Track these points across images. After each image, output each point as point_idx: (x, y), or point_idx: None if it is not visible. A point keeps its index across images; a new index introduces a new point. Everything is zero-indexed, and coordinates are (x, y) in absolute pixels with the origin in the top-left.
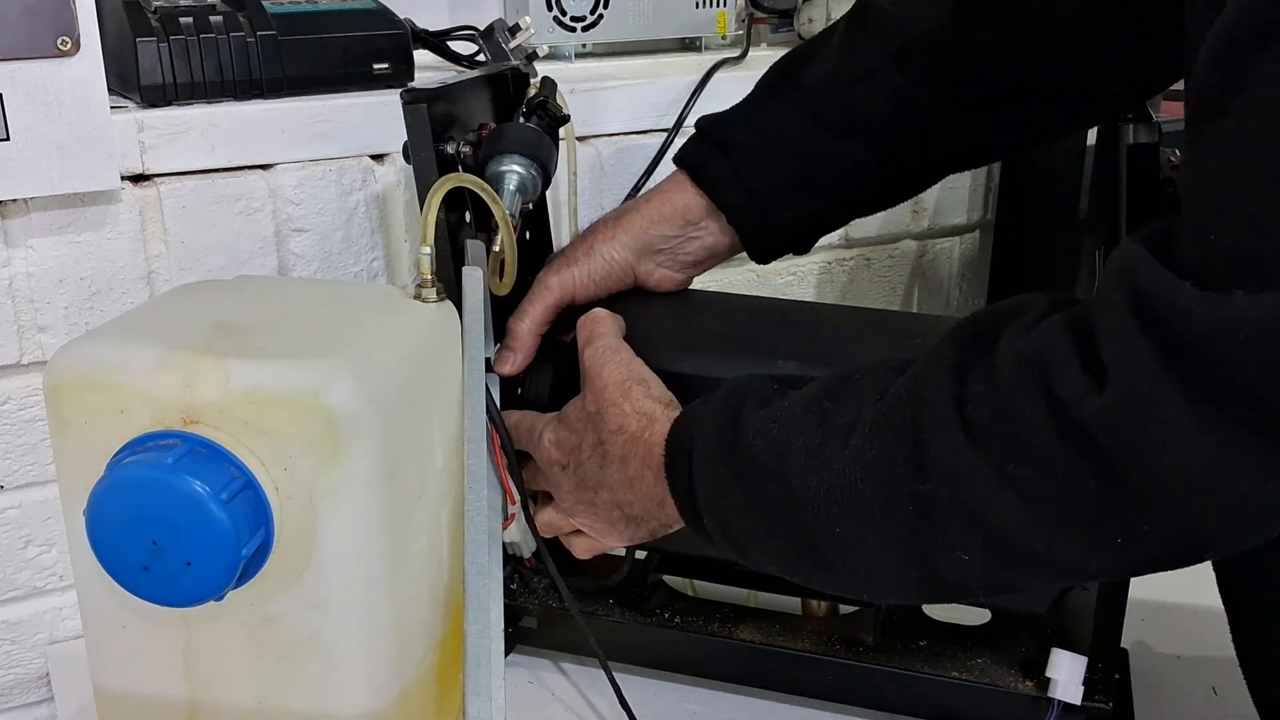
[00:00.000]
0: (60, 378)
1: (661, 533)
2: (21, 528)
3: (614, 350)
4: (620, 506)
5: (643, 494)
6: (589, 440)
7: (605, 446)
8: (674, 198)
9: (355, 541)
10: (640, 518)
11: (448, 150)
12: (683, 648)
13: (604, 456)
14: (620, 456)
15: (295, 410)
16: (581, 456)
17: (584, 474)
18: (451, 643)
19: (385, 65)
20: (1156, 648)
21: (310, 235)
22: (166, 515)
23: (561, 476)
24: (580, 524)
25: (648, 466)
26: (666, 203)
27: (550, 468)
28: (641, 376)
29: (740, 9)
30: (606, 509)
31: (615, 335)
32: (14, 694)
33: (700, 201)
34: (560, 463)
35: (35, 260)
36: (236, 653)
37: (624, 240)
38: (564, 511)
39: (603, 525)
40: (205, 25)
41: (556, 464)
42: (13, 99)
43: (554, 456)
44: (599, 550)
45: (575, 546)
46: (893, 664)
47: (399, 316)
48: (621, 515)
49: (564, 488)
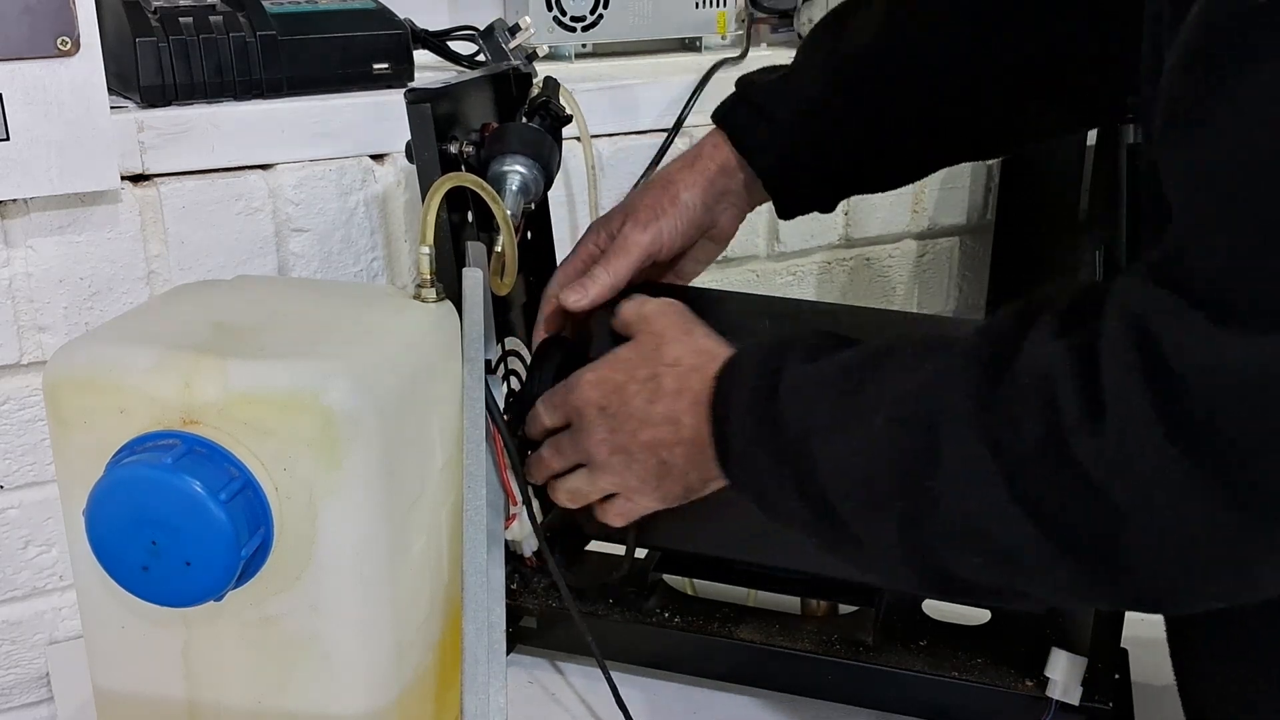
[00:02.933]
0: (60, 378)
1: (691, 494)
2: (21, 528)
3: (672, 303)
4: (658, 451)
5: (685, 436)
6: (641, 374)
7: (659, 380)
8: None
9: (355, 542)
10: (676, 468)
11: (451, 150)
12: (683, 648)
13: (655, 390)
14: (674, 390)
15: (295, 410)
16: (628, 393)
17: (627, 412)
18: (451, 643)
19: (385, 65)
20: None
21: (310, 235)
22: (166, 515)
23: (597, 421)
24: (609, 483)
25: (696, 403)
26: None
27: (586, 410)
28: (699, 320)
29: (740, 9)
30: (644, 455)
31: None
32: (14, 694)
33: (734, 159)
34: (599, 404)
35: (35, 260)
36: (236, 653)
37: (700, 179)
38: (595, 467)
39: (635, 479)
40: (205, 25)
41: (594, 405)
42: (13, 99)
43: (592, 397)
44: (633, 514)
45: (608, 512)
46: (892, 664)
47: (399, 316)
48: (657, 464)
49: (597, 434)
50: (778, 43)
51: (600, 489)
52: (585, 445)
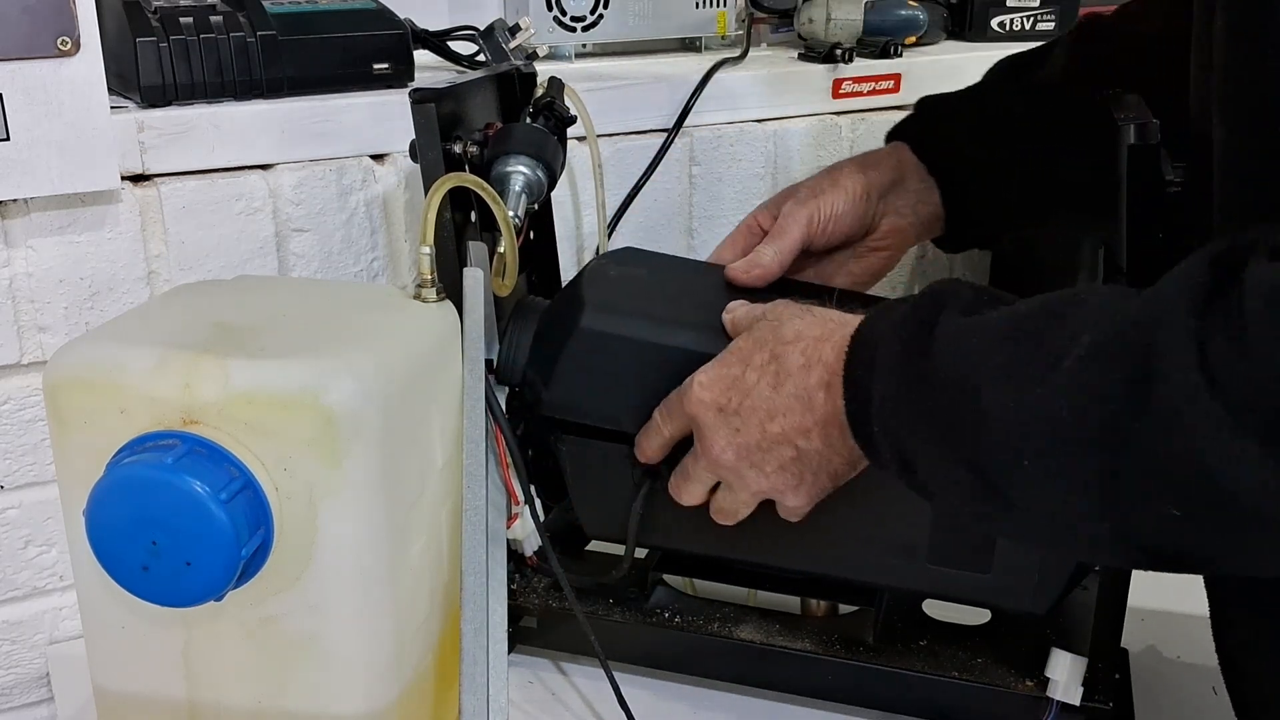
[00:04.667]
0: (60, 378)
1: (840, 481)
2: (21, 528)
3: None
4: (793, 440)
5: (820, 415)
6: (759, 360)
7: (781, 361)
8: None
9: (354, 541)
10: (815, 455)
11: (454, 150)
12: (683, 648)
13: (778, 374)
14: (801, 366)
15: (295, 410)
16: (747, 384)
17: (750, 406)
18: (450, 642)
19: (385, 65)
20: (1156, 648)
21: (310, 235)
22: (166, 515)
23: (719, 425)
24: (752, 490)
25: (830, 375)
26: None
27: (703, 416)
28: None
29: (740, 9)
30: (777, 449)
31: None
32: (14, 694)
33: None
34: (717, 404)
35: (35, 260)
36: (236, 653)
37: (869, 171)
38: (730, 476)
39: (775, 479)
40: (205, 25)
41: (713, 408)
42: (13, 99)
43: (708, 398)
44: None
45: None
46: (893, 664)
47: (399, 316)
48: (795, 455)
49: (721, 441)
50: (778, 43)
51: (746, 500)
52: (712, 456)
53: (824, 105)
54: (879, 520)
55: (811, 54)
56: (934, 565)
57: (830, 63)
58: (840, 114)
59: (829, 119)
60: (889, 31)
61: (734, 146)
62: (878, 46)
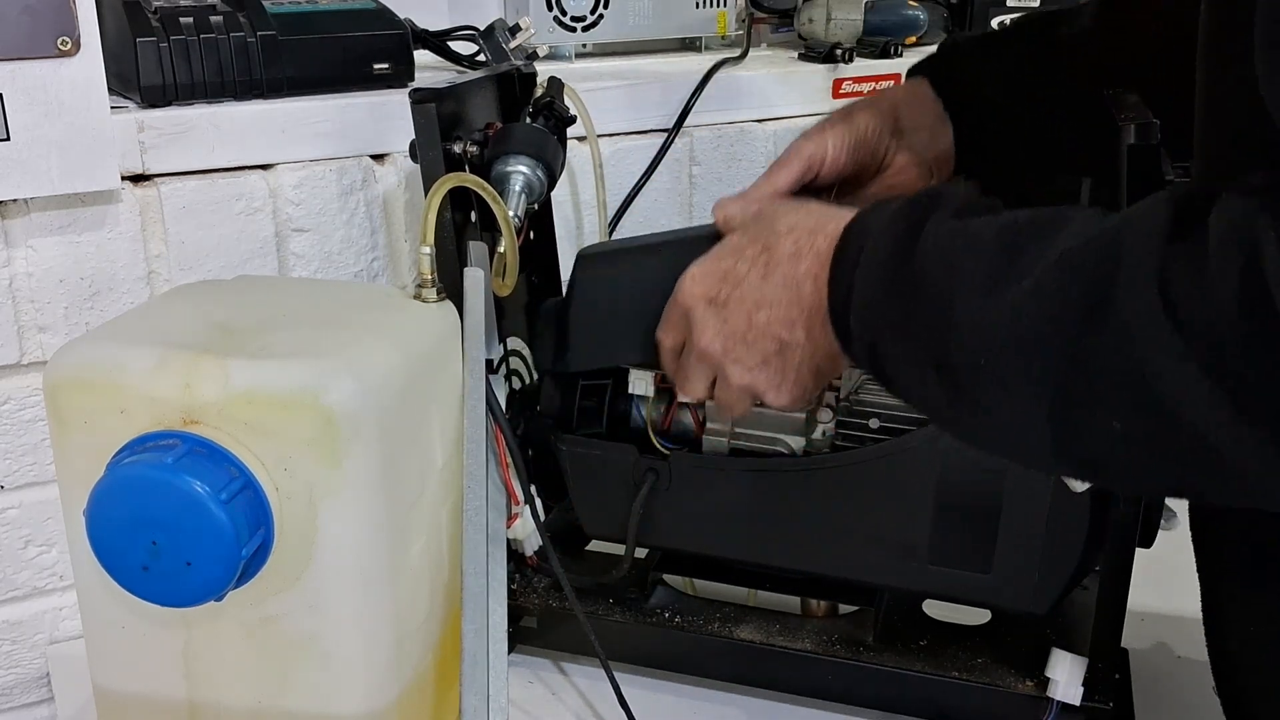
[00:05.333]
0: (60, 378)
1: (824, 381)
2: (21, 528)
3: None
4: (777, 333)
5: (807, 305)
6: (751, 252)
7: (772, 251)
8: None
9: (355, 541)
10: (798, 350)
11: (455, 150)
12: (683, 648)
13: (768, 264)
14: (791, 254)
15: (295, 410)
16: (738, 275)
17: (739, 297)
18: (451, 642)
19: (385, 65)
20: (1157, 648)
21: (310, 235)
22: (166, 515)
23: (708, 317)
24: (741, 382)
25: (819, 265)
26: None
27: (695, 309)
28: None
29: (740, 9)
30: (762, 341)
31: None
32: (14, 694)
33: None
34: (708, 296)
35: (35, 260)
36: (236, 653)
37: (882, 108)
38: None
39: (757, 374)
40: (205, 25)
41: (703, 300)
42: (13, 99)
43: (699, 291)
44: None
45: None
46: (893, 664)
47: (399, 316)
48: (778, 350)
49: (710, 332)
50: (777, 43)
51: (738, 392)
52: (701, 346)
53: (824, 105)
54: (879, 520)
55: (811, 54)
56: (934, 565)
57: (830, 63)
58: None
59: None
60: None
61: (734, 146)
62: (878, 47)
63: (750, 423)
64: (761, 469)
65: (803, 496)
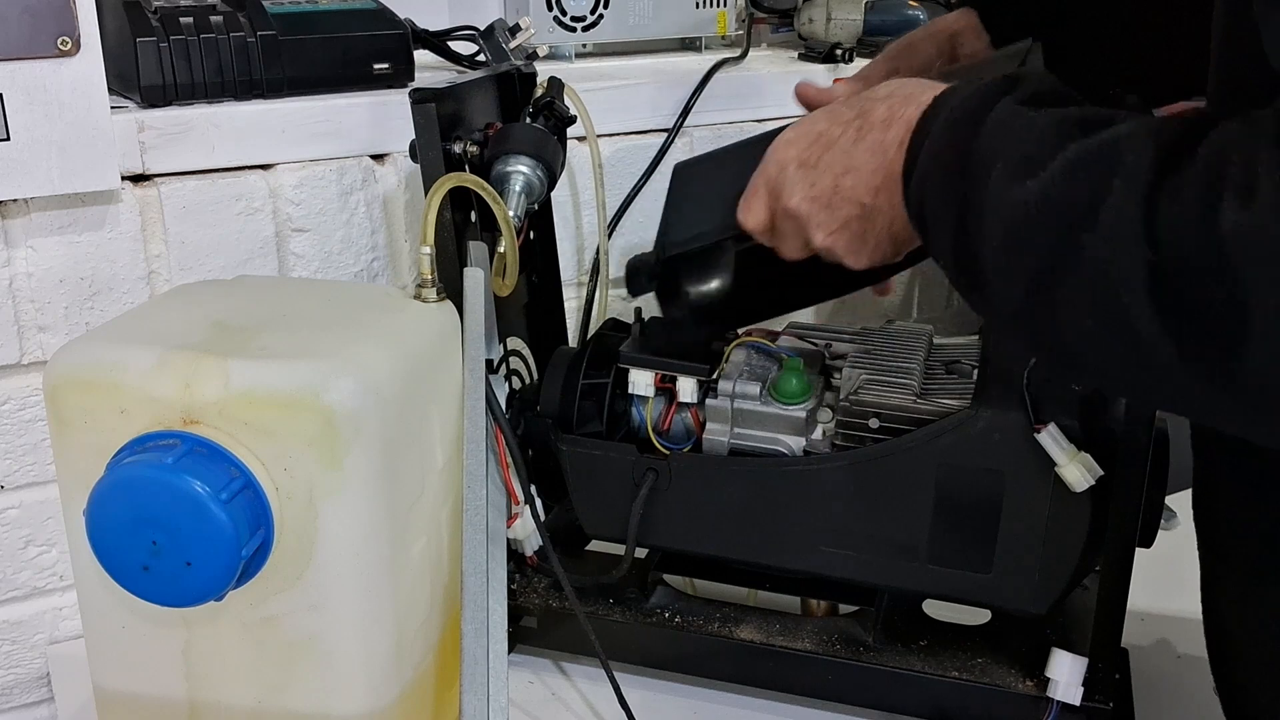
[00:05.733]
0: (60, 378)
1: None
2: (21, 528)
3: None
4: (860, 197)
5: (891, 172)
6: (848, 116)
7: (867, 115)
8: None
9: (355, 541)
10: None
11: (454, 150)
12: (683, 648)
13: (860, 129)
14: (883, 119)
15: (295, 410)
16: (831, 136)
17: (829, 160)
18: (451, 642)
19: (385, 65)
20: (1157, 648)
21: (310, 235)
22: (166, 515)
23: (798, 179)
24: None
25: (905, 131)
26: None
27: (786, 169)
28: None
29: (740, 9)
30: (845, 205)
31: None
32: (14, 694)
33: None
34: (800, 159)
35: (35, 260)
36: (236, 653)
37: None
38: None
39: (836, 237)
40: (205, 25)
41: (794, 162)
42: (13, 99)
43: (792, 153)
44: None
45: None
46: (893, 664)
47: (399, 316)
48: (860, 213)
49: (798, 194)
50: (778, 43)
51: (800, 249)
52: (788, 207)
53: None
54: (879, 520)
55: (811, 54)
56: (934, 565)
57: (830, 63)
58: None
59: None
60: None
61: None
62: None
63: (750, 423)
64: (761, 469)
65: (803, 496)
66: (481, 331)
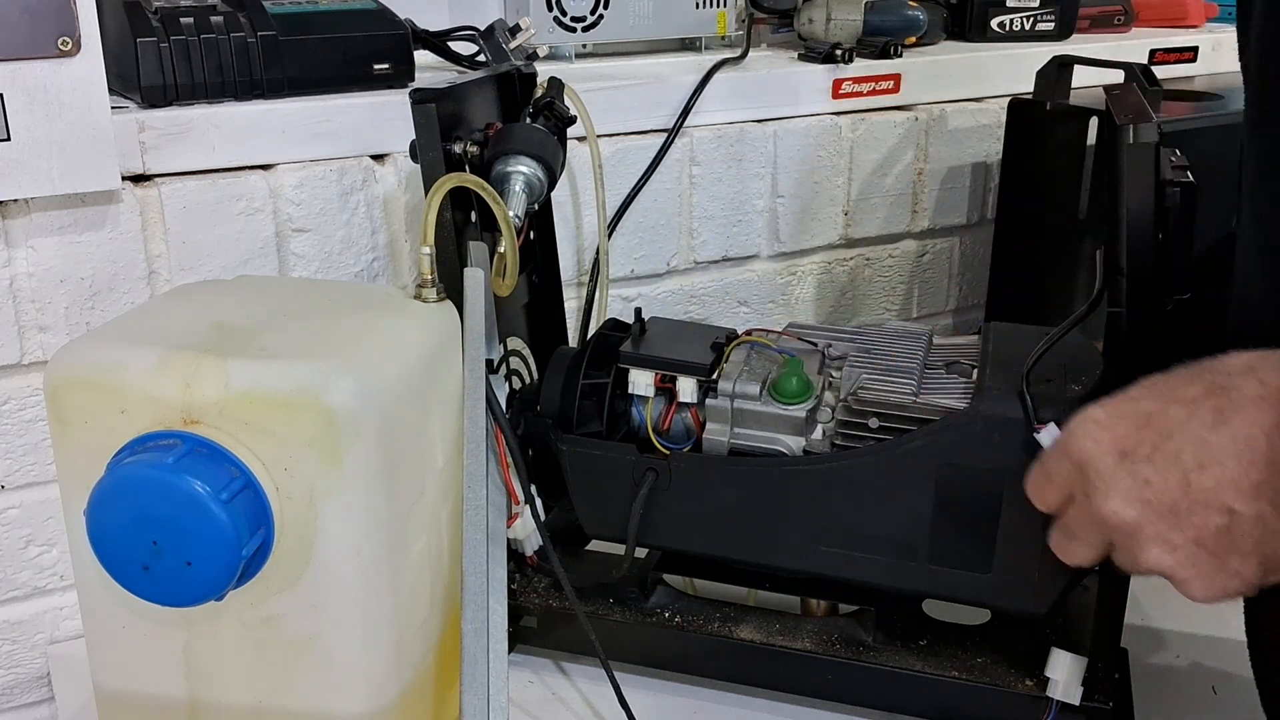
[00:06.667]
0: (60, 378)
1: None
2: (22, 528)
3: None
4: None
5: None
6: (1188, 393)
7: (1228, 394)
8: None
9: (355, 541)
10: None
11: (455, 150)
12: (683, 648)
13: (1220, 410)
14: (1256, 397)
15: (295, 410)
16: (1167, 421)
17: (1168, 451)
18: (451, 642)
19: (385, 65)
20: (1156, 648)
21: (310, 235)
22: (167, 515)
23: (1119, 474)
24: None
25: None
26: None
27: (1097, 461)
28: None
29: (740, 9)
30: (1202, 513)
31: None
32: (14, 694)
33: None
34: (1120, 448)
35: (36, 260)
36: (236, 653)
37: None
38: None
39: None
40: (205, 25)
41: (1112, 452)
42: (13, 99)
43: (1106, 439)
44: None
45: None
46: (893, 663)
47: (399, 316)
48: (1225, 524)
49: (1119, 495)
50: (777, 43)
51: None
52: (1100, 512)
53: (824, 105)
54: (879, 520)
55: (811, 54)
56: (934, 565)
57: (830, 63)
58: (840, 114)
59: (829, 119)
60: (889, 32)
61: (734, 147)
62: (878, 47)
63: (750, 423)
64: (761, 469)
65: (803, 496)
66: (481, 331)
